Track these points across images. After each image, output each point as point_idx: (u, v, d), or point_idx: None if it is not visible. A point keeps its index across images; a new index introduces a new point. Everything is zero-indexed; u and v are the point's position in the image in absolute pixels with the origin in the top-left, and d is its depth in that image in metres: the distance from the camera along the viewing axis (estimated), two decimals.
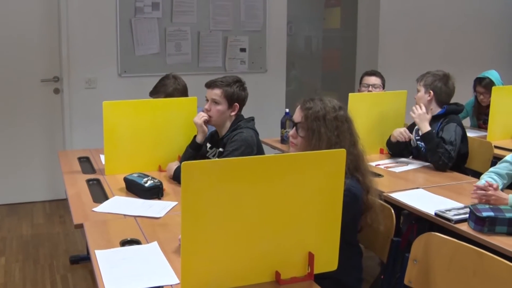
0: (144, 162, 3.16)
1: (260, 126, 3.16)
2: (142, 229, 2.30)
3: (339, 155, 1.86)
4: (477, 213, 2.32)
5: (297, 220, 1.84)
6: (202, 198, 1.68)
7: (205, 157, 3.10)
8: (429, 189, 2.94)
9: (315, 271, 1.89)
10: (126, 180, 2.84)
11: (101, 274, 1.87)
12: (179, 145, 3.18)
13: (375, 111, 3.70)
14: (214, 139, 3.14)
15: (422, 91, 3.48)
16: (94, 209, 2.55)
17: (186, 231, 1.68)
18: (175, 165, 3.03)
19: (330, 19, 6.85)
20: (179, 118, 3.23)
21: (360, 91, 4.24)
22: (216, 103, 2.99)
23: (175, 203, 2.61)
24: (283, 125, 4.11)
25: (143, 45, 5.11)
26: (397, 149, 3.58)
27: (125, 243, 2.15)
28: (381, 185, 2.88)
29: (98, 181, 3.03)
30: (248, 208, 1.75)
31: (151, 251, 2.06)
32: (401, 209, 2.86)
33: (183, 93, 3.65)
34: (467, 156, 3.55)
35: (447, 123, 3.39)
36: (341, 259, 1.95)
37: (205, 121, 3.05)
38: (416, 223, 2.90)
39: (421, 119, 3.37)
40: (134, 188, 2.77)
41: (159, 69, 4.96)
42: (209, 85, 3.03)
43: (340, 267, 1.96)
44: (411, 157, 3.60)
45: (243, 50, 5.44)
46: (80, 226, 2.37)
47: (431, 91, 3.44)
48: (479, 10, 6.41)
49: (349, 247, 2.20)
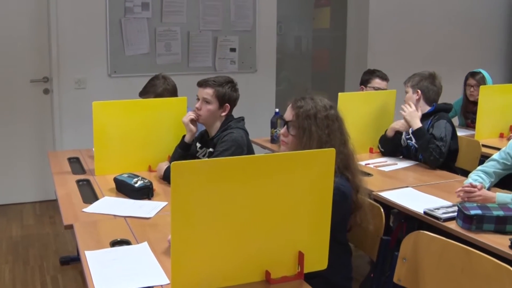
0: (134, 162, 3.16)
1: (250, 126, 3.16)
2: (132, 229, 2.30)
3: (328, 155, 1.87)
4: (465, 211, 2.34)
5: (287, 219, 1.85)
6: (191, 198, 1.68)
7: (195, 157, 3.10)
8: (418, 188, 2.96)
9: (305, 270, 1.89)
10: (116, 180, 2.84)
11: (91, 275, 1.87)
12: (169, 145, 3.18)
13: (365, 110, 3.72)
14: (204, 139, 3.14)
15: (410, 92, 3.53)
16: (84, 209, 2.54)
17: (175, 231, 1.68)
18: (165, 165, 3.03)
19: (319, 19, 6.86)
20: (169, 118, 3.22)
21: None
22: (207, 102, 2.99)
23: (165, 203, 2.61)
24: (273, 125, 4.11)
25: (133, 45, 5.10)
26: (391, 146, 3.61)
27: (115, 243, 2.15)
28: (370, 184, 2.91)
29: (88, 181, 3.02)
30: (238, 208, 1.76)
31: (141, 252, 2.06)
32: (390, 208, 2.87)
33: (172, 93, 3.65)
34: (457, 152, 3.58)
35: (437, 120, 3.44)
36: (330, 258, 1.96)
37: (192, 120, 3.05)
38: (405, 221, 2.92)
39: (411, 116, 3.41)
40: (124, 188, 2.77)
41: (149, 69, 4.96)
42: (201, 84, 3.03)
43: (329, 266, 1.97)
44: (401, 156, 3.62)
45: (233, 50, 5.44)
46: (70, 227, 2.37)
47: (419, 90, 3.49)
48: (468, 10, 6.46)
49: (339, 246, 2.21)
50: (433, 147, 3.28)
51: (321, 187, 1.87)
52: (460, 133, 3.69)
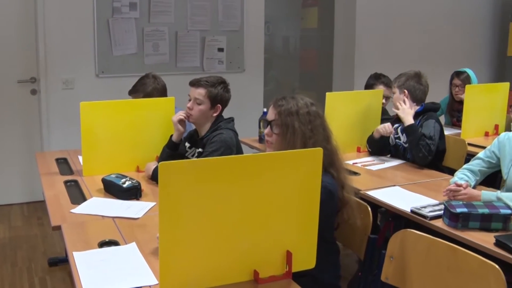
0: (122, 162, 3.15)
1: (238, 125, 3.16)
2: (120, 230, 2.30)
3: (316, 154, 1.88)
4: (451, 210, 2.37)
5: (275, 219, 1.86)
6: (179, 198, 1.68)
7: (184, 157, 3.10)
8: (405, 186, 2.98)
9: (293, 270, 1.90)
10: (104, 181, 2.83)
11: (79, 276, 1.86)
12: (157, 146, 3.17)
13: (352, 110, 3.74)
14: (193, 139, 3.14)
15: (397, 92, 3.57)
16: (72, 210, 2.54)
17: (164, 231, 1.69)
18: (153, 165, 3.02)
19: (307, 19, 6.87)
20: (157, 118, 3.22)
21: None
22: (198, 102, 2.98)
23: (153, 204, 2.61)
24: (261, 125, 4.12)
25: (120, 45, 5.08)
26: (379, 146, 3.63)
27: (103, 244, 2.15)
28: (358, 183, 2.92)
29: (76, 182, 3.02)
30: (226, 207, 1.76)
31: (129, 252, 2.06)
32: (378, 206, 2.89)
33: (162, 93, 3.65)
34: (445, 152, 3.62)
35: (426, 120, 3.47)
36: (318, 256, 1.97)
37: (181, 120, 3.04)
38: (392, 220, 2.94)
39: (405, 113, 3.45)
40: (112, 189, 2.77)
41: (137, 69, 4.94)
42: (193, 84, 3.02)
43: (318, 265, 1.98)
44: (389, 155, 3.64)
45: (221, 50, 5.44)
46: (58, 228, 2.36)
47: (406, 90, 3.52)
48: (455, 9, 6.51)
49: (326, 245, 2.22)
50: (423, 144, 3.32)
51: (309, 187, 1.88)
52: (446, 132, 3.72)
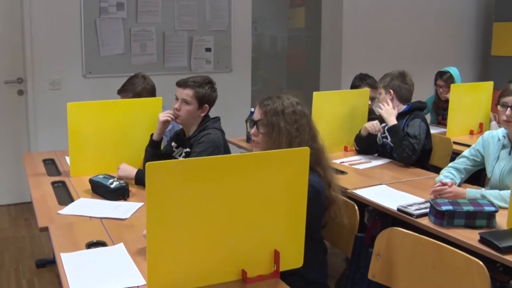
0: (109, 163, 3.13)
1: (225, 125, 3.17)
2: (108, 230, 2.30)
3: (303, 153, 1.88)
4: (437, 207, 2.39)
5: (263, 218, 1.86)
6: (167, 198, 1.68)
7: (171, 156, 3.10)
8: (392, 185, 3.00)
9: (281, 269, 1.91)
10: (91, 181, 2.82)
11: (66, 277, 1.86)
12: (144, 146, 3.15)
13: (339, 109, 3.76)
14: (180, 139, 3.14)
15: (383, 93, 3.60)
16: (59, 211, 2.53)
17: (151, 231, 1.69)
18: (129, 168, 2.97)
19: (294, 19, 6.89)
20: (144, 118, 3.21)
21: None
22: (186, 103, 2.98)
23: (141, 204, 2.61)
24: (248, 124, 4.13)
25: (108, 46, 5.07)
26: (366, 145, 3.65)
27: (91, 245, 2.14)
28: (345, 182, 2.95)
29: (63, 183, 3.01)
30: (213, 207, 1.76)
31: (117, 253, 2.06)
32: (365, 205, 2.91)
33: (151, 93, 3.64)
34: (431, 151, 3.65)
35: (412, 119, 3.50)
36: (306, 255, 1.98)
37: (166, 121, 3.03)
38: (379, 218, 2.96)
39: (388, 113, 3.48)
40: (99, 189, 2.76)
41: (124, 69, 4.94)
42: (180, 84, 3.01)
43: (305, 263, 1.99)
44: (377, 154, 3.67)
45: (208, 50, 5.45)
46: (45, 229, 2.35)
47: (391, 90, 3.55)
48: (440, 10, 6.57)
49: (314, 243, 2.23)
50: (406, 144, 3.34)
51: (296, 186, 1.89)
52: (432, 130, 3.75)
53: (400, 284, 2.09)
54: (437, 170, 3.25)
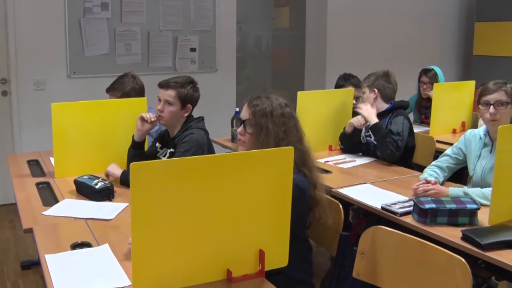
0: (94, 163, 3.13)
1: (210, 125, 3.18)
2: (93, 231, 2.29)
3: (287, 153, 1.89)
4: (420, 206, 2.41)
5: (248, 218, 1.87)
6: (151, 198, 1.68)
7: (156, 157, 3.09)
8: (376, 183, 3.03)
9: (266, 268, 1.91)
10: (76, 182, 2.81)
11: (51, 279, 1.85)
12: (129, 146, 3.16)
13: (324, 109, 3.78)
14: (164, 139, 3.13)
15: (367, 92, 3.63)
16: (43, 212, 2.52)
17: (136, 232, 1.69)
18: (116, 168, 2.97)
19: (279, 18, 6.92)
20: (129, 118, 3.19)
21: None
22: (169, 104, 2.97)
23: (126, 205, 2.60)
24: (233, 124, 4.14)
25: (92, 46, 5.05)
26: (351, 143, 3.68)
27: (76, 246, 2.14)
28: (330, 181, 2.96)
29: (48, 184, 2.99)
30: (198, 207, 1.77)
31: (102, 254, 2.06)
32: (350, 204, 2.92)
33: (140, 93, 3.63)
34: (414, 149, 3.68)
35: (395, 116, 3.53)
36: (291, 254, 1.98)
37: (143, 120, 3.01)
38: (364, 217, 2.97)
39: (368, 113, 3.50)
40: (84, 190, 2.75)
41: (109, 69, 4.92)
42: (162, 85, 3.00)
43: (290, 263, 1.99)
44: (361, 153, 3.69)
45: (193, 50, 5.44)
46: (29, 230, 2.34)
47: (375, 89, 3.58)
48: (423, 10, 6.63)
49: (299, 242, 2.24)
50: (390, 141, 3.37)
51: (280, 185, 1.89)
52: (415, 129, 3.79)
53: (384, 281, 2.11)
54: (421, 168, 3.28)
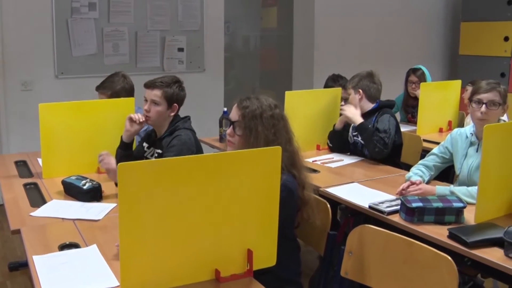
0: (82, 164, 3.13)
1: (198, 125, 3.18)
2: (81, 232, 2.29)
3: (274, 153, 1.90)
4: (407, 204, 2.43)
5: (236, 217, 1.88)
6: (139, 199, 1.69)
7: (143, 157, 3.09)
8: (364, 183, 3.04)
9: (254, 268, 1.92)
10: (64, 183, 2.81)
11: (39, 280, 1.85)
12: (117, 146, 3.16)
13: (311, 108, 3.79)
14: (151, 139, 3.13)
15: (352, 93, 3.65)
16: (31, 213, 2.51)
17: (124, 232, 1.69)
18: (113, 159, 2.90)
19: (267, 18, 6.94)
20: (117, 119, 3.19)
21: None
22: (155, 104, 2.97)
23: (114, 205, 2.60)
24: (221, 124, 4.14)
25: (80, 46, 5.03)
26: (339, 141, 3.69)
27: (63, 247, 2.13)
28: (317, 180, 2.97)
29: (35, 185, 2.98)
30: (186, 207, 1.77)
31: (90, 255, 2.06)
32: (338, 203, 2.93)
33: (130, 93, 3.62)
34: (402, 147, 3.70)
35: (381, 115, 3.55)
36: (279, 254, 1.99)
37: (132, 120, 3.00)
38: (352, 216, 2.99)
39: (352, 113, 3.53)
40: (72, 191, 2.74)
41: (97, 70, 4.91)
42: (148, 86, 3.00)
43: (279, 262, 2.00)
44: (349, 153, 3.71)
45: (181, 50, 5.44)
46: (17, 231, 2.33)
47: (360, 90, 3.60)
48: (410, 10, 6.68)
49: (287, 242, 2.24)
50: (376, 139, 3.39)
51: (268, 185, 1.90)
52: (402, 128, 3.82)
53: (372, 280, 2.13)
54: (408, 167, 3.30)
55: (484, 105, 2.83)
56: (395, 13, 6.55)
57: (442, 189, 2.71)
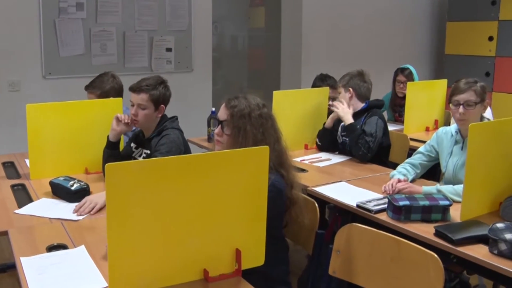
0: (70, 165, 3.12)
1: (187, 125, 3.18)
2: (69, 233, 2.28)
3: (262, 152, 1.90)
4: (395, 203, 2.45)
5: (224, 217, 1.88)
6: (127, 199, 1.68)
7: (131, 157, 3.09)
8: (351, 182, 3.06)
9: (243, 267, 1.93)
10: (52, 184, 2.79)
11: (27, 282, 1.84)
12: (104, 146, 3.15)
13: (299, 108, 3.80)
14: (139, 139, 3.12)
15: (342, 92, 3.66)
16: (16, 211, 2.52)
17: (112, 233, 1.69)
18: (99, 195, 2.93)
19: (255, 18, 6.94)
20: (105, 119, 3.17)
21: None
22: (143, 108, 2.96)
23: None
24: (209, 124, 4.14)
25: (67, 46, 5.01)
26: (328, 140, 3.71)
27: (51, 248, 2.13)
28: (305, 179, 2.98)
29: (23, 186, 2.97)
30: (174, 207, 1.77)
31: (78, 256, 2.05)
32: (326, 202, 2.95)
33: (119, 93, 3.62)
34: (390, 148, 3.72)
35: (369, 117, 3.56)
36: (268, 253, 2.00)
37: (118, 121, 3.00)
38: (340, 215, 3.01)
39: (344, 112, 3.54)
40: (60, 191, 2.74)
41: (85, 70, 4.89)
42: (134, 90, 2.98)
43: (267, 262, 2.00)
44: (337, 152, 3.72)
45: (169, 50, 5.43)
46: (4, 233, 2.31)
47: (350, 89, 3.61)
48: (396, 10, 6.72)
49: (275, 242, 2.25)
50: (362, 142, 3.41)
51: (256, 184, 1.91)
52: (389, 127, 3.83)
53: (359, 278, 2.14)
54: (395, 166, 3.30)
55: (461, 106, 2.87)
56: (382, 13, 6.58)
57: (428, 188, 2.73)
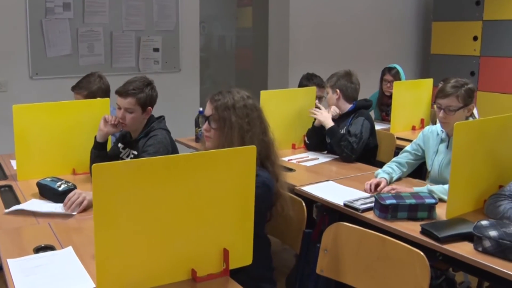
0: (57, 165, 3.11)
1: (174, 125, 3.17)
2: (56, 234, 2.28)
3: (249, 152, 1.91)
4: (381, 202, 2.47)
5: (211, 217, 1.88)
6: (114, 199, 1.69)
7: (118, 158, 3.08)
8: (339, 181, 3.08)
9: (231, 267, 1.93)
10: (39, 185, 2.78)
11: (14, 284, 1.83)
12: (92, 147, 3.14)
13: (286, 107, 3.81)
14: (126, 139, 3.12)
15: (330, 92, 3.67)
16: (6, 210, 2.52)
17: (99, 234, 1.69)
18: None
19: (242, 18, 6.95)
20: (92, 119, 3.16)
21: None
22: (130, 112, 2.94)
23: None
24: (197, 124, 4.14)
25: (54, 47, 4.98)
26: (317, 139, 3.71)
27: (39, 249, 2.12)
28: (293, 179, 2.99)
29: (10, 187, 2.95)
30: (162, 207, 1.77)
31: (66, 257, 2.05)
32: (314, 201, 2.95)
33: (106, 93, 3.60)
34: (377, 149, 3.74)
35: (356, 117, 3.57)
36: (252, 251, 2.00)
37: (106, 122, 2.99)
38: (327, 214, 3.02)
39: (324, 117, 3.56)
40: (47, 192, 2.73)
41: (72, 70, 4.87)
42: (121, 94, 2.95)
43: (252, 260, 2.01)
44: (326, 152, 3.74)
45: (156, 50, 5.42)
46: None
47: (338, 90, 3.62)
48: (383, 10, 6.75)
49: (258, 240, 2.21)
50: (344, 144, 3.42)
51: (244, 184, 1.91)
52: (376, 126, 3.85)
53: (347, 276, 2.16)
54: (383, 165, 3.34)
55: (442, 110, 2.87)
56: (369, 14, 6.61)
57: (419, 189, 2.74)
